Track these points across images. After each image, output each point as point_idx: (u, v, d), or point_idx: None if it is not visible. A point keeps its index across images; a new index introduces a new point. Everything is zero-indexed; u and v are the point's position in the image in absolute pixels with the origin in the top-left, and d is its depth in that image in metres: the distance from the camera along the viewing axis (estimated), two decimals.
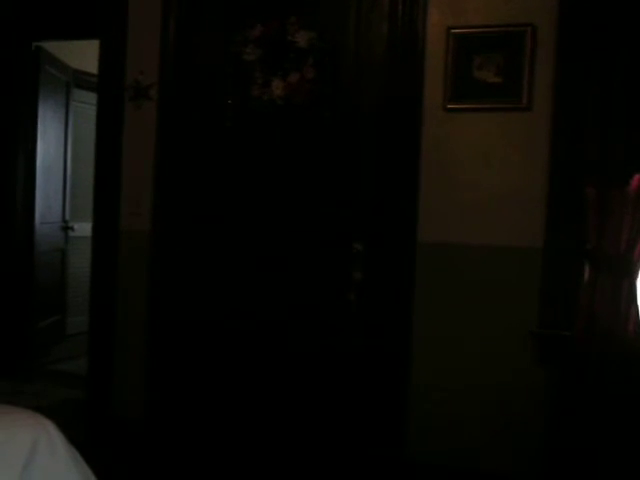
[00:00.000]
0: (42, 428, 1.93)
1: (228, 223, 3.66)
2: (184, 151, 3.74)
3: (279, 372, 3.56)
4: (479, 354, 3.22)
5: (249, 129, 3.60)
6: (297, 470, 3.43)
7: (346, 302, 3.40)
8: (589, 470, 2.94)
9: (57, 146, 5.46)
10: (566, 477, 3.00)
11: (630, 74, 2.89)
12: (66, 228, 5.71)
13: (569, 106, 3.03)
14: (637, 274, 2.94)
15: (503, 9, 3.17)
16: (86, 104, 5.91)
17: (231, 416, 3.65)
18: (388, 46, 3.33)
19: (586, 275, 3.04)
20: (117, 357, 3.86)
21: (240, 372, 3.64)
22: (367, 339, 3.38)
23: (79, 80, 5.83)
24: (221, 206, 3.67)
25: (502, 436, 3.18)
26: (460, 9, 3.23)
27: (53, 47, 5.17)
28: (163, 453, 3.64)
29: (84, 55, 5.29)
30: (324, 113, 3.42)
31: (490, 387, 3.20)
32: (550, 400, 3.07)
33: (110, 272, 3.87)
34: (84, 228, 4.87)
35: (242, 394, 3.64)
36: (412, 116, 3.27)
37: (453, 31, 3.22)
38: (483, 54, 3.18)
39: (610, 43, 2.92)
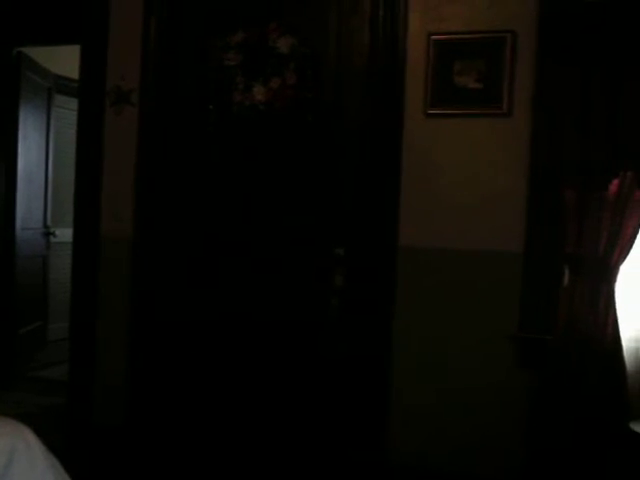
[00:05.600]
0: (20, 436, 1.92)
1: (209, 229, 3.65)
2: (166, 156, 3.73)
3: (262, 377, 3.55)
4: (460, 358, 3.23)
5: (231, 134, 3.59)
6: (281, 475, 3.43)
7: (328, 307, 3.40)
8: (569, 471, 2.95)
9: (38, 151, 5.43)
10: (547, 478, 3.01)
11: (609, 79, 2.91)
12: (48, 234, 5.67)
13: (549, 112, 3.05)
14: (616, 278, 2.96)
15: (483, 16, 3.19)
16: (67, 109, 5.88)
17: (213, 422, 3.63)
18: (369, 51, 3.34)
19: (566, 279, 3.06)
20: (98, 364, 3.84)
21: (222, 378, 3.62)
22: (349, 343, 3.38)
23: (60, 85, 5.80)
24: (203, 211, 3.66)
25: (483, 438, 3.19)
26: (441, 15, 3.25)
27: (34, 52, 5.13)
28: (144, 461, 3.62)
29: (65, 60, 5.27)
30: (306, 118, 3.42)
31: (471, 390, 3.21)
32: (531, 403, 3.08)
33: (91, 278, 3.85)
34: (66, 234, 4.83)
35: (224, 400, 3.62)
36: (393, 121, 3.29)
37: (434, 37, 3.24)
38: (464, 60, 3.20)
39: (589, 49, 2.95)
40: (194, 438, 3.64)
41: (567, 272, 3.06)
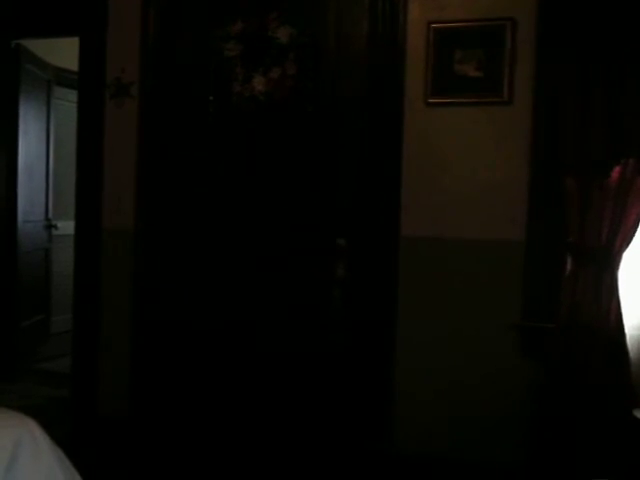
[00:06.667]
0: (25, 428, 1.92)
1: (211, 220, 3.65)
2: (166, 148, 3.73)
3: (265, 368, 3.56)
4: (463, 346, 3.24)
5: (231, 125, 3.59)
6: (286, 466, 3.43)
7: (330, 298, 3.40)
8: (573, 459, 2.96)
9: (39, 144, 5.42)
10: (551, 466, 3.02)
11: (609, 66, 2.90)
12: (49, 226, 5.67)
13: (549, 99, 3.04)
14: (618, 265, 2.96)
15: (483, 3, 3.18)
16: (68, 102, 5.87)
17: (216, 413, 3.64)
18: (369, 41, 3.33)
19: (568, 267, 3.06)
20: (101, 356, 3.85)
21: (225, 369, 3.63)
22: (352, 334, 3.39)
23: (60, 78, 5.78)
24: (204, 203, 3.66)
25: (487, 427, 3.20)
26: (440, 3, 3.24)
27: (33, 45, 5.11)
28: (148, 451, 3.63)
29: (65, 53, 5.25)
30: (306, 108, 3.42)
31: (475, 379, 3.21)
32: (534, 391, 3.08)
33: (93, 270, 3.85)
34: (68, 226, 4.82)
35: (227, 391, 3.63)
36: (393, 110, 3.28)
37: (434, 25, 3.23)
38: (464, 48, 3.19)
39: (589, 36, 2.94)
40: (198, 429, 3.65)
41: (569, 260, 3.06)
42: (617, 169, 2.90)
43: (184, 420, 3.69)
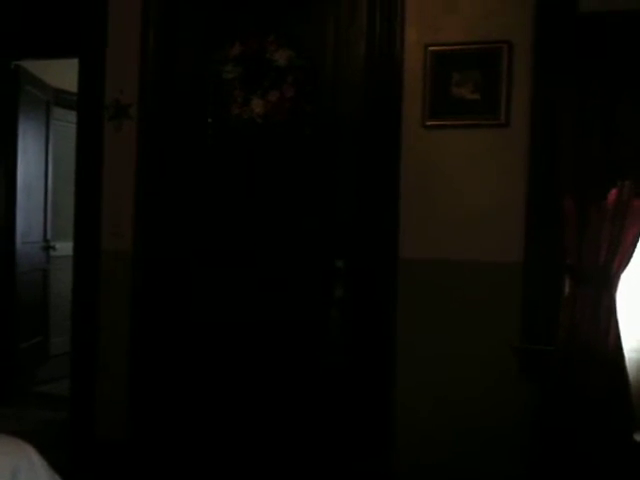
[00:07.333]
0: (23, 454, 1.91)
1: (209, 241, 3.65)
2: (165, 169, 3.73)
3: (264, 389, 3.55)
4: (462, 369, 3.23)
5: (229, 148, 3.60)
6: None
7: (329, 319, 3.40)
8: None
9: (38, 165, 5.43)
10: None
11: (606, 88, 2.92)
12: (48, 248, 5.67)
13: (546, 122, 3.06)
14: (616, 287, 2.96)
15: (480, 26, 3.20)
16: (67, 123, 5.89)
17: (216, 435, 3.62)
18: (366, 64, 3.35)
19: (566, 289, 3.06)
20: (100, 378, 3.83)
21: (224, 390, 3.62)
22: (350, 355, 3.38)
23: (60, 99, 5.82)
24: (202, 224, 3.67)
25: (487, 449, 3.18)
26: (438, 27, 3.25)
27: (32, 66, 5.15)
28: (147, 474, 3.61)
29: (64, 73, 5.28)
30: (304, 131, 3.43)
31: (473, 401, 3.20)
32: (533, 414, 3.07)
33: (92, 292, 3.84)
34: (66, 247, 4.81)
35: (226, 413, 3.62)
36: (391, 133, 3.29)
37: (431, 48, 3.25)
38: (461, 71, 3.21)
39: (586, 58, 2.96)
40: (197, 451, 3.63)
41: (568, 282, 3.06)
42: (614, 191, 2.91)
43: (183, 442, 3.67)
